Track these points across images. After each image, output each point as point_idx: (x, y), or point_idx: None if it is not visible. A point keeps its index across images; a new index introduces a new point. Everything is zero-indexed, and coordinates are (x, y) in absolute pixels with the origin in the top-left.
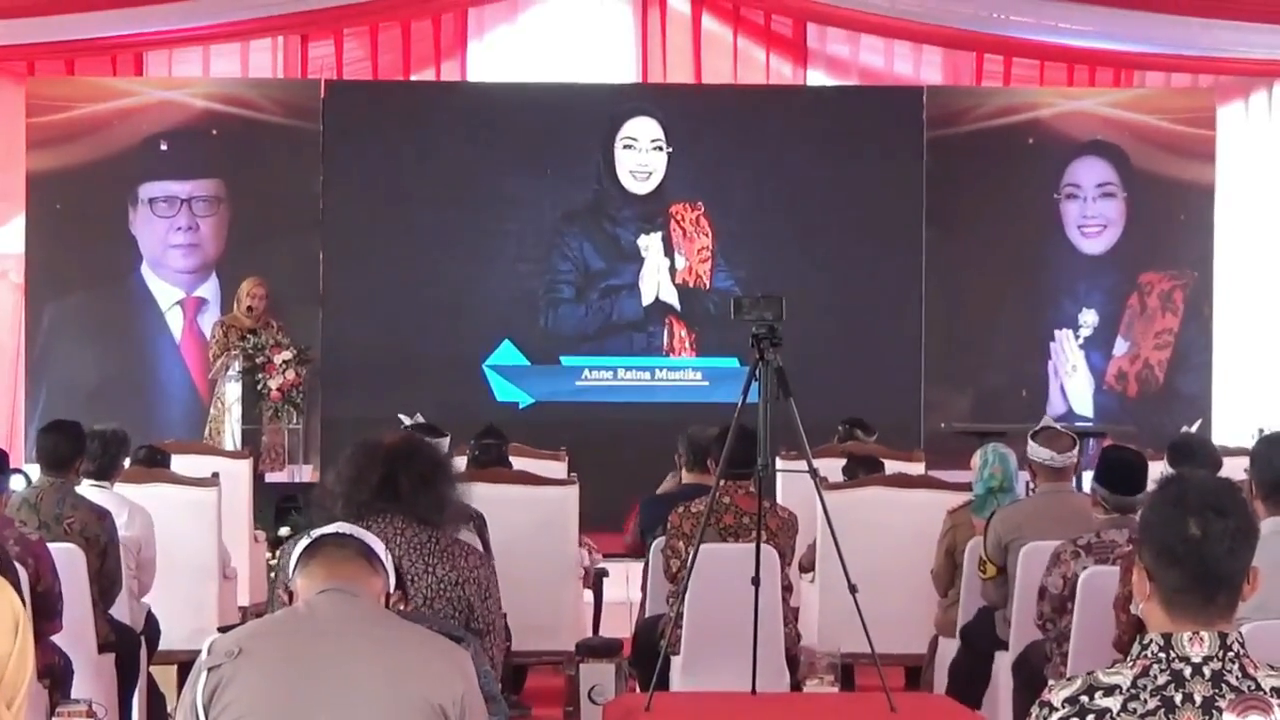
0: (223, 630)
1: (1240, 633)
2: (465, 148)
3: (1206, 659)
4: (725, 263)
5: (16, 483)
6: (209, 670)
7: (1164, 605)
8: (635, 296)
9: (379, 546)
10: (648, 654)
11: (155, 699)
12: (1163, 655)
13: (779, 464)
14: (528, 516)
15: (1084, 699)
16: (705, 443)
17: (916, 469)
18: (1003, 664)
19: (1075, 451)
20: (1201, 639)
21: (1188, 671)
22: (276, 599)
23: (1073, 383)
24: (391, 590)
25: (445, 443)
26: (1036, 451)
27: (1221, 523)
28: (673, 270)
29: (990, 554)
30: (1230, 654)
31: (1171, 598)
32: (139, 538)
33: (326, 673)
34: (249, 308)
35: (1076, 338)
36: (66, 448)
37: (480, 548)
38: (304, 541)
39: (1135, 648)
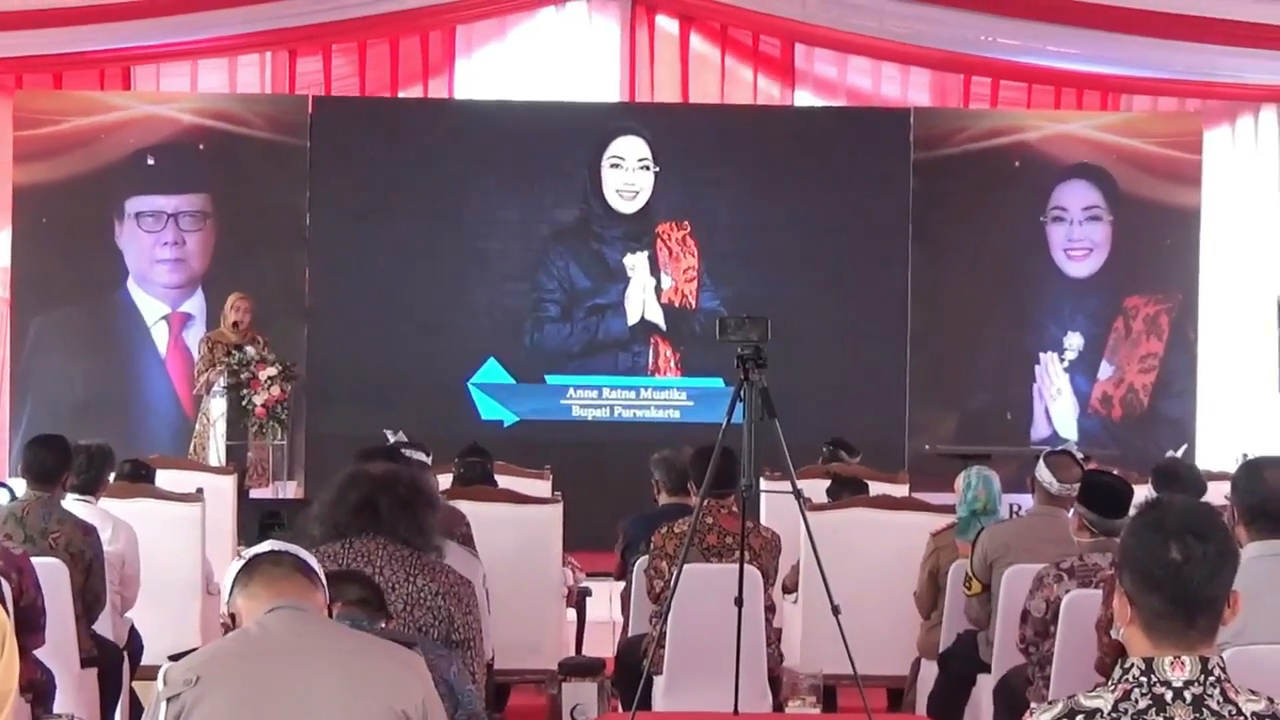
0: (173, 659)
1: (1222, 657)
2: (452, 165)
3: (1187, 683)
4: (711, 283)
5: (0, 496)
6: (168, 700)
7: (1145, 630)
8: (621, 316)
9: (313, 560)
10: (630, 673)
11: (137, 714)
12: (1144, 679)
13: (763, 484)
14: (512, 535)
15: None
16: (685, 465)
17: (900, 491)
18: (984, 687)
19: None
20: (1182, 663)
21: (1169, 696)
22: (221, 623)
23: (1057, 406)
24: (330, 602)
25: (428, 460)
26: (1041, 471)
27: (1202, 547)
28: (658, 290)
29: (976, 571)
30: (1211, 678)
31: (1152, 622)
32: (123, 553)
33: (289, 690)
34: (234, 323)
35: (1061, 361)
36: (53, 462)
37: (471, 556)
38: (238, 563)
39: (1116, 671)
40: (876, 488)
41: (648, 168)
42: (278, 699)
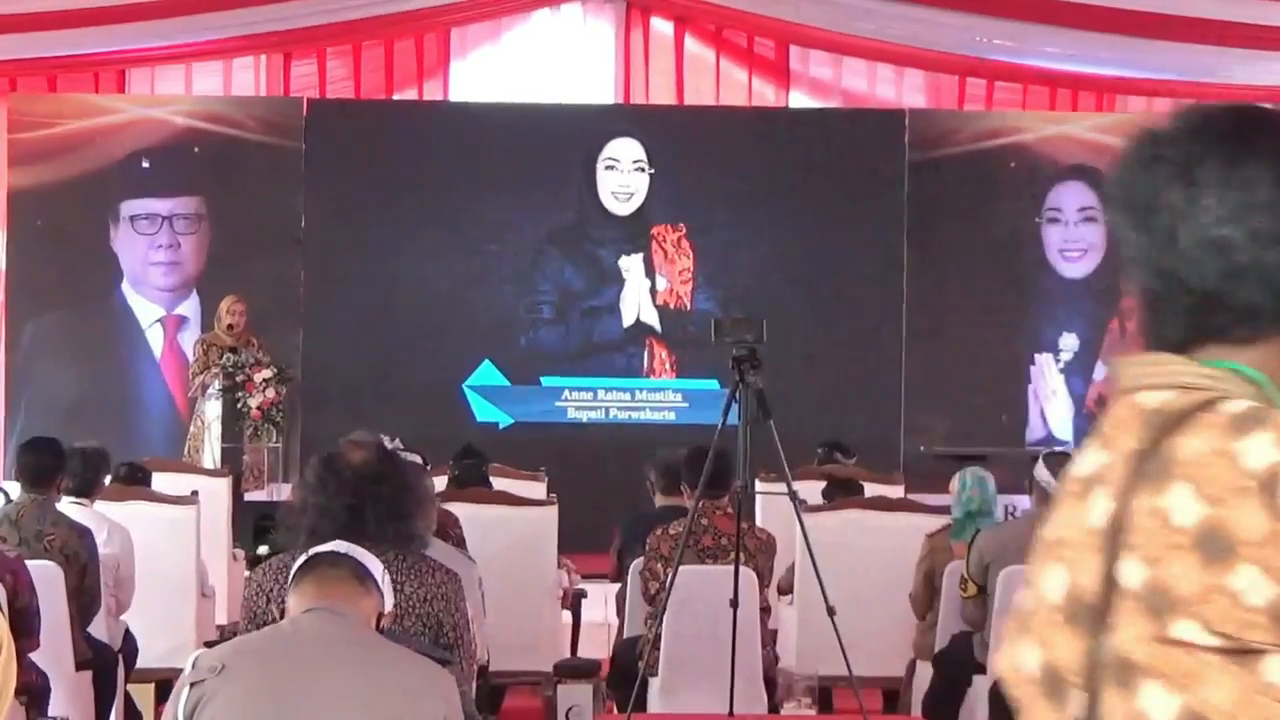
0: (208, 645)
1: None
2: (447, 168)
3: None
4: (706, 284)
5: None
6: (192, 685)
7: None
8: (616, 317)
9: (376, 567)
10: (626, 675)
11: (132, 717)
12: None
13: (758, 486)
14: (507, 537)
15: None
16: (677, 466)
17: (896, 492)
18: (980, 688)
19: None
20: None
21: None
22: (268, 615)
23: (1053, 407)
24: (385, 610)
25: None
26: (1040, 471)
27: None
28: (654, 291)
29: (972, 573)
30: None
31: None
32: (117, 555)
33: (307, 692)
34: (229, 325)
35: (1057, 362)
36: (48, 464)
37: (466, 559)
38: (301, 559)
39: None
40: (872, 489)
41: (643, 170)
42: (295, 699)
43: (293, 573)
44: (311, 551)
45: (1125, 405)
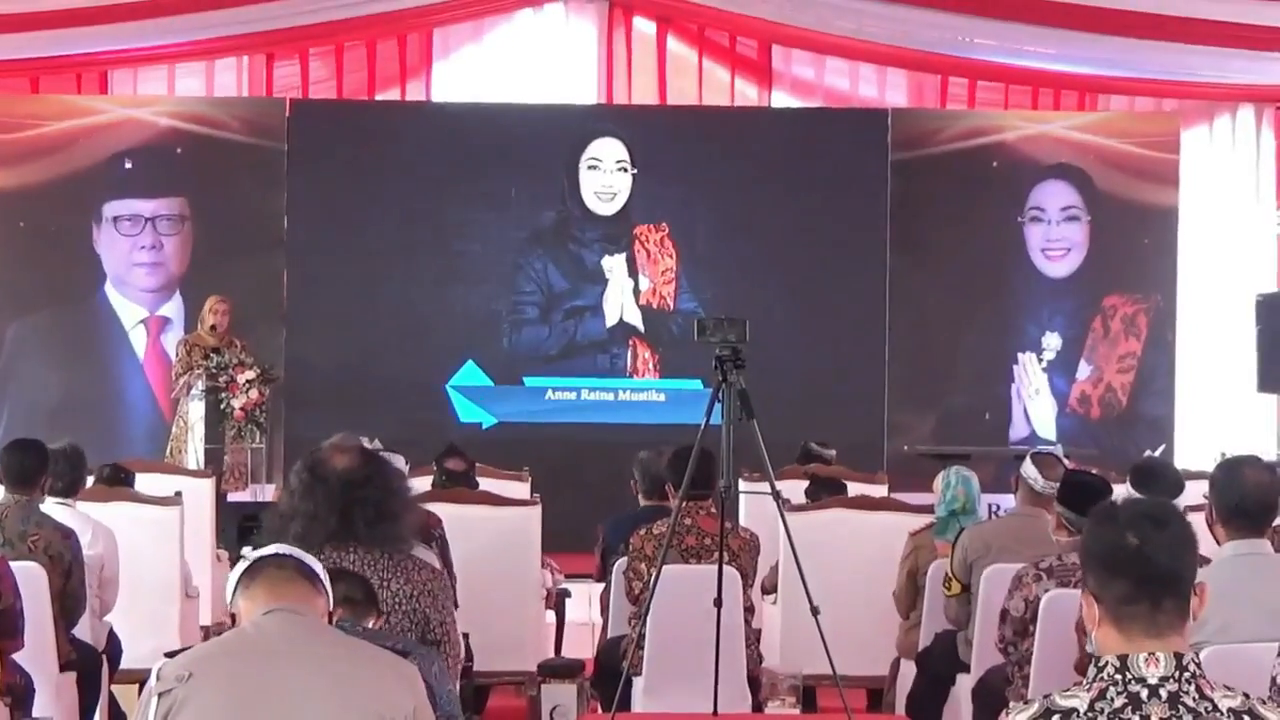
0: (169, 655)
1: (1196, 654)
2: (430, 168)
3: (1163, 680)
4: (689, 284)
5: None
6: (160, 695)
7: (1114, 622)
8: (599, 317)
9: (318, 566)
10: (610, 675)
11: (116, 718)
12: (1119, 677)
13: (742, 485)
14: (490, 537)
15: None
16: (660, 470)
17: (879, 491)
18: (963, 686)
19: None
20: (1157, 659)
21: (1144, 693)
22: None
23: (1036, 406)
24: (333, 608)
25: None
26: (1027, 469)
27: (1159, 532)
28: (637, 291)
29: (956, 571)
30: (1186, 674)
31: (1119, 611)
32: (101, 556)
33: (278, 693)
34: (212, 326)
35: (1040, 361)
36: (32, 465)
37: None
38: (242, 565)
39: (1091, 670)
40: (855, 488)
41: (625, 169)
42: (265, 700)
43: (238, 577)
44: (254, 555)
45: None
